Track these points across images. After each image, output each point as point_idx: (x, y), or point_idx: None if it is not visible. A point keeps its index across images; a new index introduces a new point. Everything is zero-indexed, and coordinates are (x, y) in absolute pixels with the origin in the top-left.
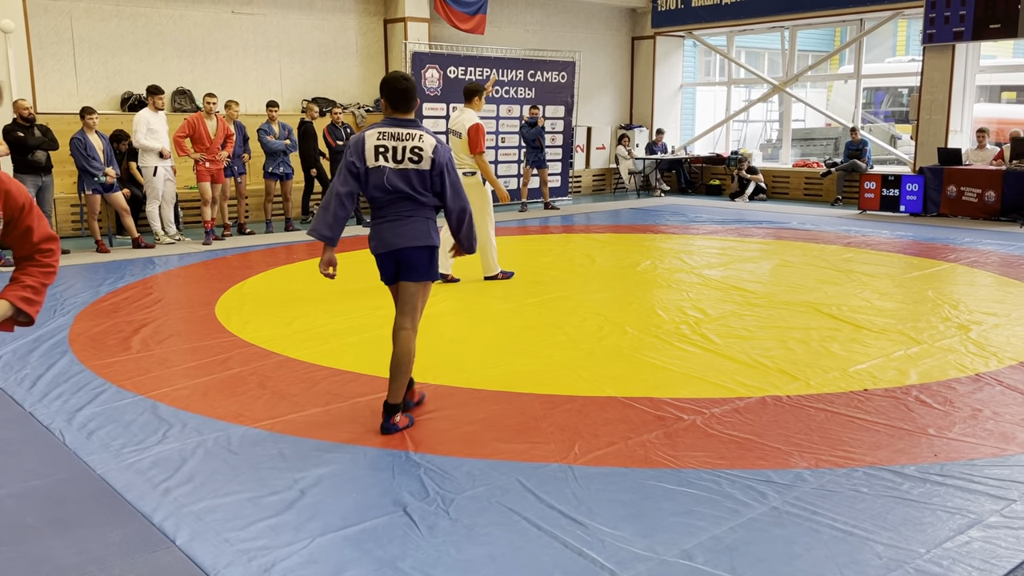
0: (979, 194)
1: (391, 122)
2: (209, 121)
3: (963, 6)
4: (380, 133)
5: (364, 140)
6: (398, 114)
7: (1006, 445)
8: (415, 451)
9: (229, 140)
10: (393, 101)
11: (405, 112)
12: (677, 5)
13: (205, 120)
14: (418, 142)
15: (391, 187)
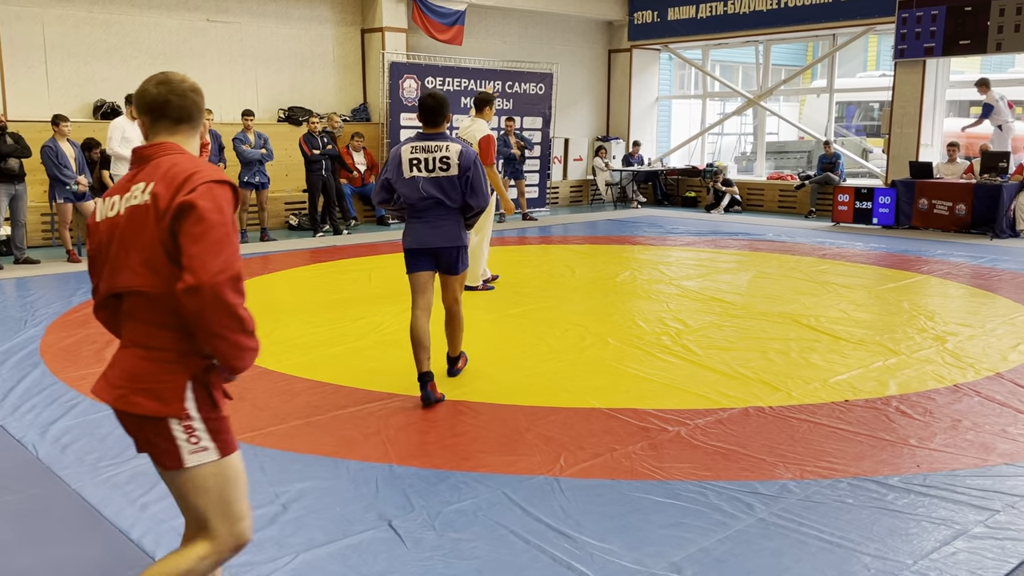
0: (950, 207)
1: (421, 136)
2: None
3: (934, 23)
4: (413, 147)
5: (400, 155)
6: (428, 129)
7: (987, 455)
8: (399, 464)
9: (205, 149)
10: (423, 117)
11: (433, 127)
12: (653, 19)
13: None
14: (445, 152)
15: (426, 194)
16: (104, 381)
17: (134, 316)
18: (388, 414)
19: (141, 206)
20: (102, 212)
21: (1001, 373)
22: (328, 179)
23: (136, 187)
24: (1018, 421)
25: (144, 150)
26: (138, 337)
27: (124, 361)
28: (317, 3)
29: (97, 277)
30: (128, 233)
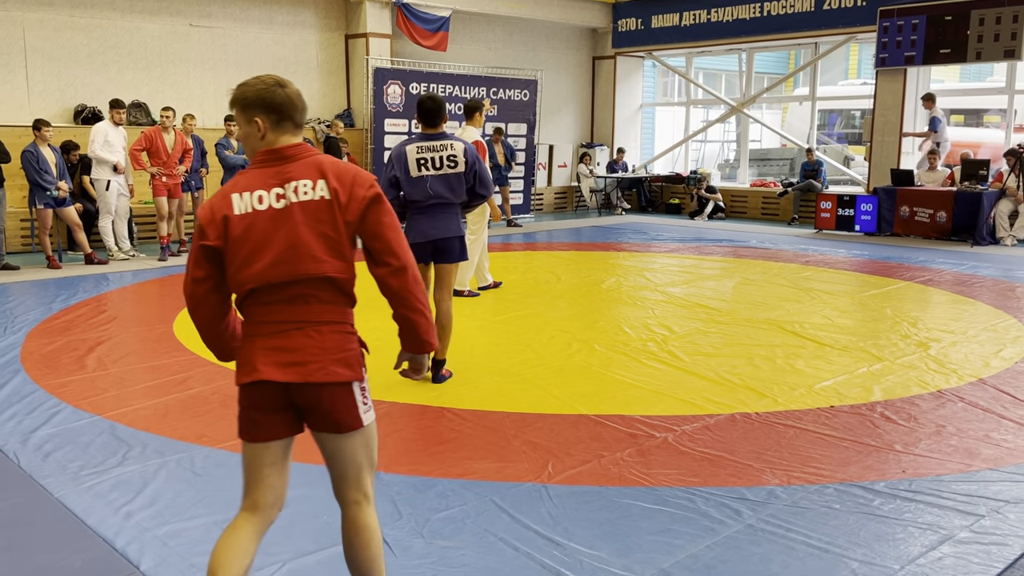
0: (931, 214)
1: (424, 137)
2: (166, 135)
3: (914, 32)
4: (419, 147)
5: (406, 154)
6: (428, 129)
7: (971, 461)
8: (386, 472)
9: (187, 155)
10: (422, 118)
11: (433, 127)
12: (637, 26)
13: (162, 134)
14: (452, 150)
15: (433, 192)
16: (278, 362)
17: (313, 299)
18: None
19: (319, 201)
20: (244, 206)
21: (984, 379)
22: None
23: (297, 183)
24: (1001, 427)
25: (287, 150)
26: (319, 316)
27: (308, 338)
28: (301, 8)
29: (238, 270)
30: (306, 225)
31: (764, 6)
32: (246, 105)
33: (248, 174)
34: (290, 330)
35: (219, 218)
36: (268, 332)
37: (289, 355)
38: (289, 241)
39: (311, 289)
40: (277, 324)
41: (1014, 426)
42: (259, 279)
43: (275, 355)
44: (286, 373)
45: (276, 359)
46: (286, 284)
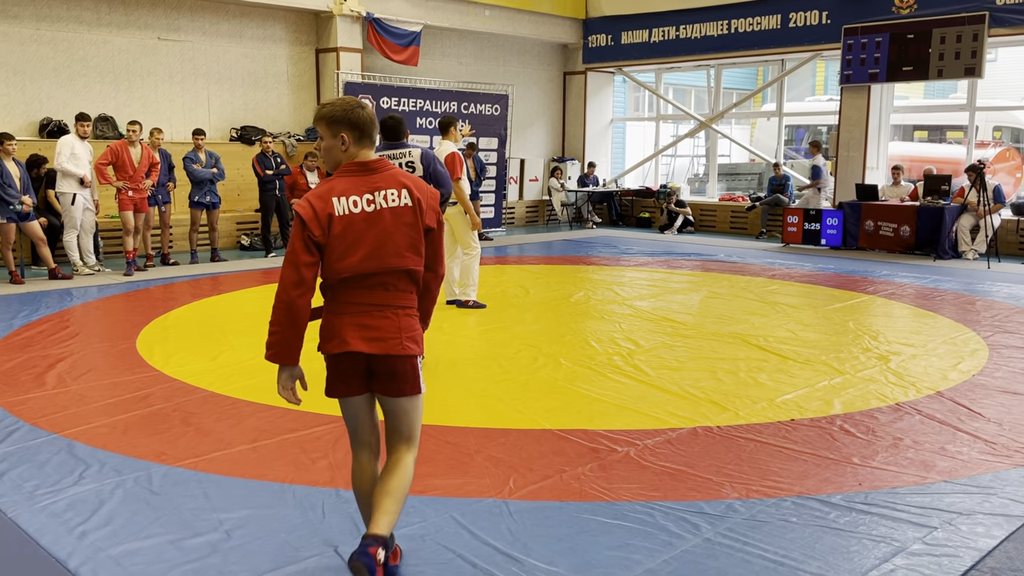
0: (895, 228)
1: (387, 146)
2: (133, 149)
3: (878, 49)
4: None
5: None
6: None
7: (926, 473)
8: (346, 488)
9: (154, 168)
10: (386, 135)
11: (395, 139)
12: (607, 42)
13: (129, 148)
14: (409, 156)
15: None
16: (365, 337)
17: (392, 287)
18: (337, 437)
19: (405, 207)
20: (343, 208)
21: (941, 392)
22: (282, 199)
23: (385, 192)
24: (957, 439)
25: (373, 163)
26: (397, 301)
27: (387, 320)
28: (271, 22)
29: (338, 260)
30: (394, 227)
31: (732, 23)
32: (333, 121)
33: (342, 181)
34: (374, 311)
35: (323, 216)
36: (355, 312)
37: (373, 332)
38: (380, 239)
39: (392, 279)
40: (363, 306)
41: (969, 438)
42: (354, 270)
43: (361, 331)
44: (371, 346)
45: (362, 334)
46: (373, 274)
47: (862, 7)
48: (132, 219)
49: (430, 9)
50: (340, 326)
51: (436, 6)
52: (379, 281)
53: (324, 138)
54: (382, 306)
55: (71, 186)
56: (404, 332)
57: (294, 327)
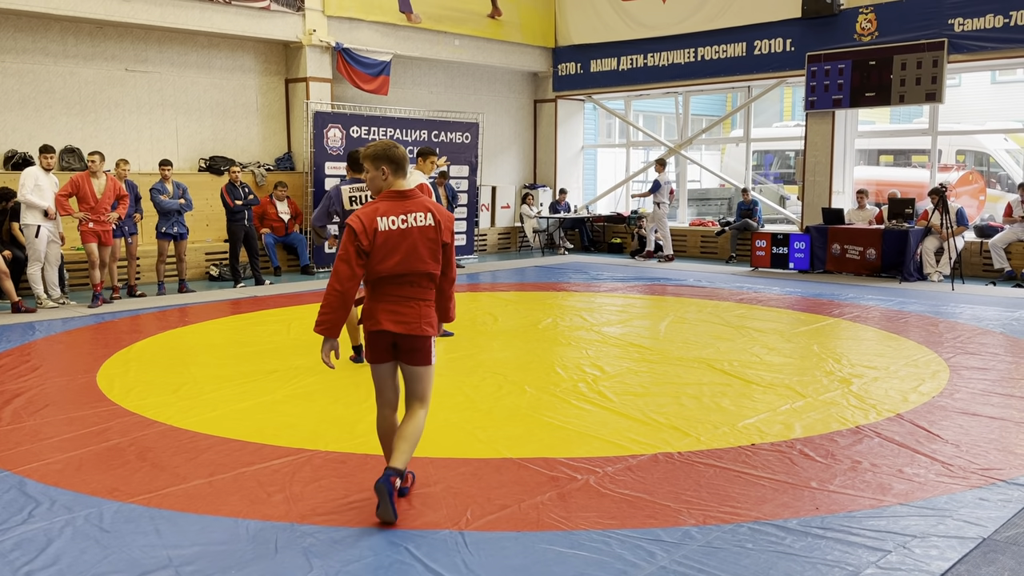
0: (861, 252)
1: (354, 180)
2: (95, 180)
3: (841, 76)
4: (351, 188)
5: (341, 193)
6: (357, 175)
7: (883, 496)
8: (301, 522)
9: (122, 201)
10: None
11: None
12: (577, 71)
13: (91, 179)
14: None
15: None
16: (390, 319)
17: (416, 285)
18: (294, 470)
19: (428, 226)
20: (385, 225)
21: (901, 414)
22: (250, 229)
23: (414, 214)
24: (914, 461)
25: (407, 192)
26: (419, 295)
27: (411, 308)
28: (240, 53)
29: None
30: (420, 241)
31: (698, 51)
32: (376, 158)
33: (384, 204)
34: (401, 301)
35: (370, 230)
36: (388, 301)
37: (400, 316)
38: (409, 249)
39: (417, 278)
40: (394, 297)
41: (927, 460)
42: (389, 271)
43: (391, 316)
44: (397, 327)
45: (392, 318)
46: (403, 275)
47: (825, 34)
48: (96, 251)
49: (400, 39)
50: (377, 311)
51: (406, 36)
52: (407, 280)
53: (369, 171)
54: (408, 298)
55: (35, 218)
56: (423, 319)
57: (343, 309)
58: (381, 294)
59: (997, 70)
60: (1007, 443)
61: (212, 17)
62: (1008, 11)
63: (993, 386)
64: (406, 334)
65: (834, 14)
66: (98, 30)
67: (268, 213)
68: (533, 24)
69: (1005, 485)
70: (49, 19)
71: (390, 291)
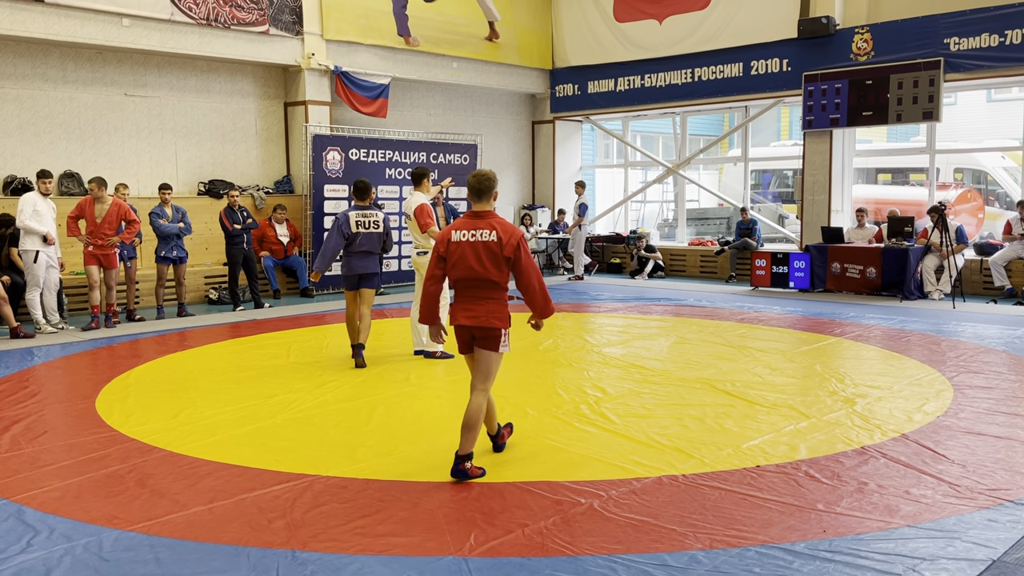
0: (861, 270)
1: (358, 207)
2: (99, 204)
3: (838, 95)
4: (357, 214)
5: (349, 218)
6: (360, 201)
7: (891, 518)
8: (302, 550)
9: (131, 226)
10: (357, 195)
11: (364, 200)
12: (574, 92)
13: (95, 203)
14: (375, 218)
15: (361, 242)
16: (465, 315)
17: (482, 287)
18: (295, 496)
19: (491, 241)
20: (458, 237)
21: (906, 434)
22: (249, 252)
23: (481, 231)
24: (921, 482)
25: (480, 212)
26: (486, 295)
27: (480, 306)
28: (239, 77)
29: (451, 269)
30: (483, 252)
31: (695, 72)
32: (468, 185)
33: (461, 221)
34: (472, 300)
35: (446, 240)
36: (463, 301)
37: (472, 312)
38: (473, 259)
39: (482, 282)
40: (467, 298)
41: (933, 481)
42: (459, 276)
43: (466, 313)
44: (469, 320)
45: (466, 315)
46: (471, 279)
47: (821, 54)
48: (95, 273)
49: (398, 62)
50: (456, 310)
51: (404, 59)
52: (475, 283)
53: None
54: (477, 297)
55: (34, 244)
56: (491, 313)
57: (433, 301)
58: (459, 296)
59: (993, 88)
60: (1014, 463)
61: (211, 42)
62: (1003, 30)
63: (998, 405)
64: (476, 325)
65: (830, 34)
66: (98, 55)
67: (267, 236)
68: (530, 46)
69: (1013, 506)
70: (49, 45)
71: (464, 293)
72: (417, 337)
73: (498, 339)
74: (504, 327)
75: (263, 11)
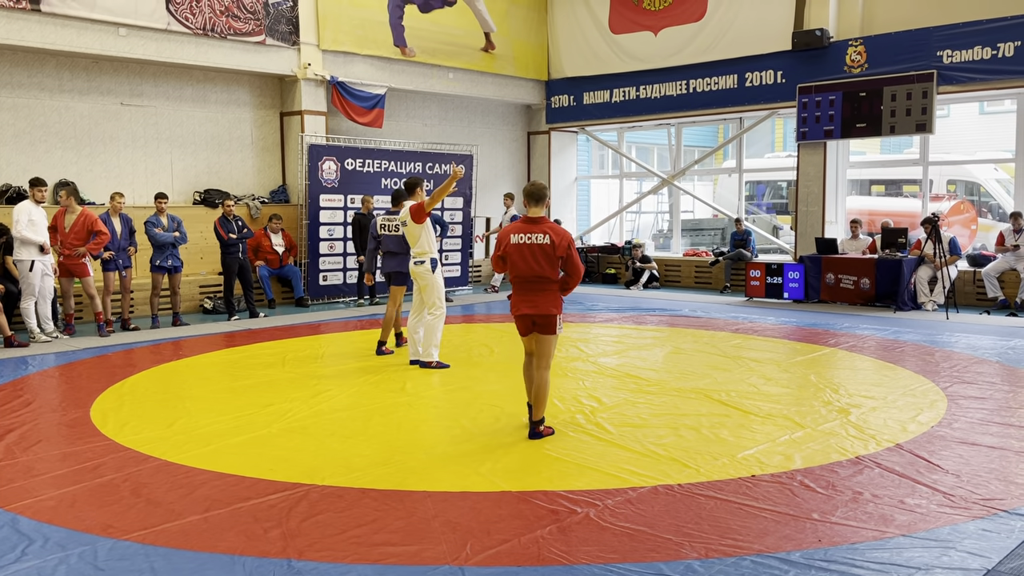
0: (855, 281)
1: (388, 211)
2: (69, 214)
3: (832, 107)
4: (383, 217)
5: (376, 221)
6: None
7: (886, 527)
8: (298, 559)
9: (99, 236)
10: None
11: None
12: (570, 103)
13: (66, 214)
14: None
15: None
16: (533, 306)
17: (538, 281)
18: (291, 505)
19: (546, 244)
20: (515, 240)
21: (901, 444)
22: (244, 262)
23: (535, 235)
24: (916, 492)
25: (535, 219)
26: (543, 288)
27: (537, 297)
28: (235, 87)
29: (510, 268)
30: (539, 253)
31: (690, 83)
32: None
33: (517, 225)
34: (531, 292)
35: (505, 242)
36: (522, 293)
37: (531, 302)
38: (528, 259)
39: (538, 278)
40: (526, 292)
41: (928, 491)
42: (517, 273)
43: (526, 303)
44: (530, 309)
45: (526, 304)
46: (528, 276)
47: (815, 66)
48: (64, 284)
49: (394, 72)
50: (517, 301)
51: (400, 69)
52: (532, 279)
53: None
54: (537, 290)
55: (30, 253)
56: (549, 303)
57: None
58: (518, 290)
59: (985, 101)
60: (1008, 473)
61: (208, 52)
62: (996, 43)
63: (991, 415)
64: (536, 313)
65: (824, 46)
66: (94, 65)
67: (263, 246)
68: (526, 57)
69: (1007, 515)
70: (45, 54)
71: (523, 286)
72: (414, 347)
73: (555, 324)
74: (558, 313)
75: (259, 21)
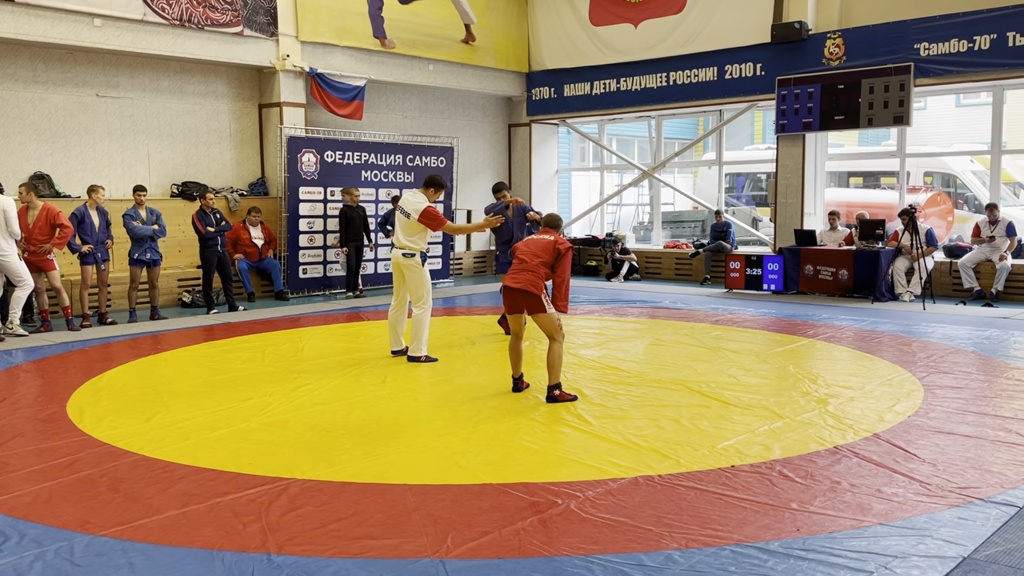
0: (833, 272)
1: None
2: (31, 211)
3: (810, 99)
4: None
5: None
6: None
7: (863, 516)
8: (278, 553)
9: (63, 230)
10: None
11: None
12: (550, 95)
13: (28, 210)
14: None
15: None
16: (516, 280)
17: (531, 266)
18: (271, 499)
19: (549, 240)
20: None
21: (878, 433)
22: (223, 255)
23: (545, 236)
24: (893, 481)
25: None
26: (532, 268)
27: (520, 275)
28: (213, 78)
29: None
30: (540, 244)
31: (670, 76)
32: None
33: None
34: (518, 270)
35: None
36: (511, 272)
37: (515, 278)
38: (532, 246)
39: (534, 264)
40: (516, 269)
41: (904, 479)
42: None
43: (511, 278)
44: (513, 283)
45: (511, 279)
46: (523, 257)
47: (794, 59)
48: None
49: (374, 64)
50: (506, 278)
51: (380, 61)
52: (525, 259)
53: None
54: (523, 269)
55: (10, 246)
56: (532, 283)
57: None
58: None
59: (962, 93)
60: (983, 461)
61: (185, 43)
62: (972, 36)
63: (967, 404)
64: (518, 288)
65: (803, 39)
66: (69, 56)
67: (241, 238)
68: (507, 49)
69: (983, 503)
70: (18, 45)
71: (515, 267)
72: (395, 339)
73: (541, 304)
74: (538, 293)
75: (237, 12)
